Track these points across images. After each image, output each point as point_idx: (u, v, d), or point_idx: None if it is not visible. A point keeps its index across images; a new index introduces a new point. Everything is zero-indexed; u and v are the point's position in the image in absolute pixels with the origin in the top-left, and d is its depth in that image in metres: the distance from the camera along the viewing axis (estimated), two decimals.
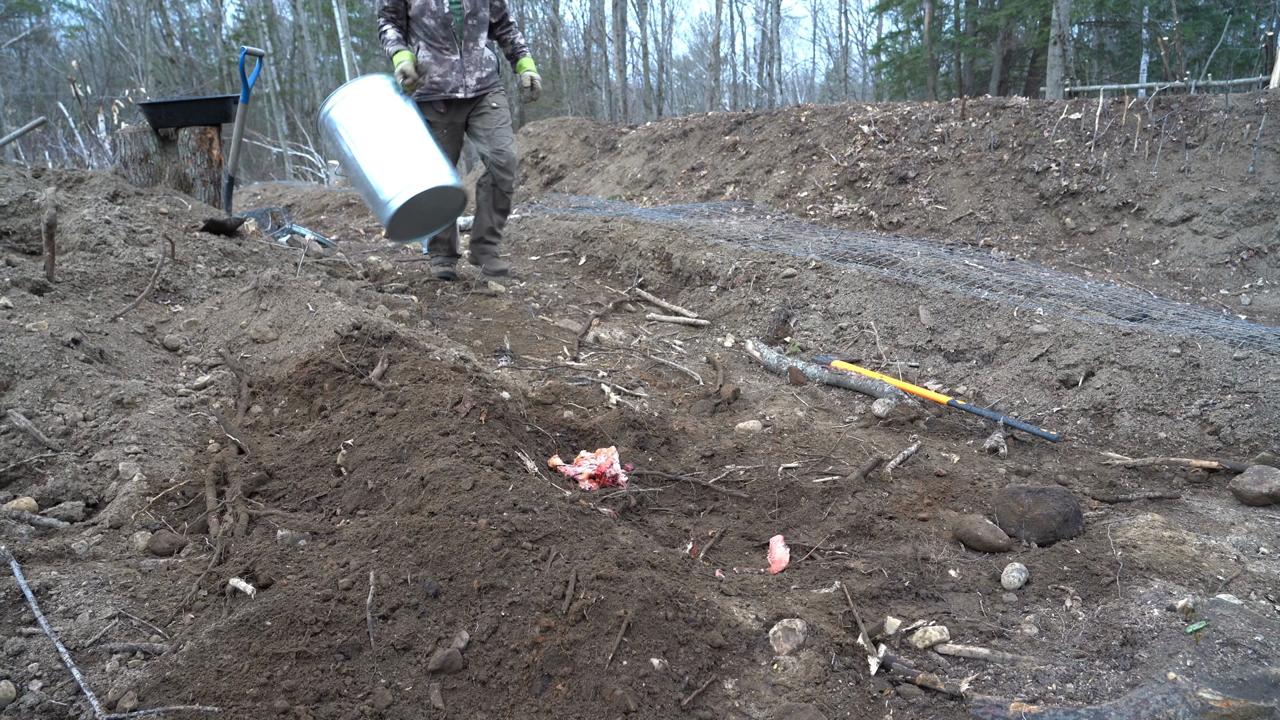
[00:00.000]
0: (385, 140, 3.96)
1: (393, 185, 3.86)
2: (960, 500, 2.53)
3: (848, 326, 4.31)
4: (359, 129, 3.97)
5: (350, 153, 3.97)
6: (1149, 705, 1.45)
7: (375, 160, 3.93)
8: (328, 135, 4.05)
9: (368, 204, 4.00)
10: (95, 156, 9.16)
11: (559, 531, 1.85)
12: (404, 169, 3.90)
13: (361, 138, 3.96)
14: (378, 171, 3.91)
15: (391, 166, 3.90)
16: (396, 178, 3.87)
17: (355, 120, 3.98)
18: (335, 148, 4.09)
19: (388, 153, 3.93)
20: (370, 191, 3.95)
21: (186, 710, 1.39)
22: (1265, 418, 2.94)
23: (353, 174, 4.01)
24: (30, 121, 6.10)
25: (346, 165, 4.04)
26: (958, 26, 22.09)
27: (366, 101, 4.02)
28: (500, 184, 4.83)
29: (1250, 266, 5.23)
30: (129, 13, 23.23)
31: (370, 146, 3.94)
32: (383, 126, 3.98)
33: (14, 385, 2.35)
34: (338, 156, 4.01)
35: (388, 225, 3.96)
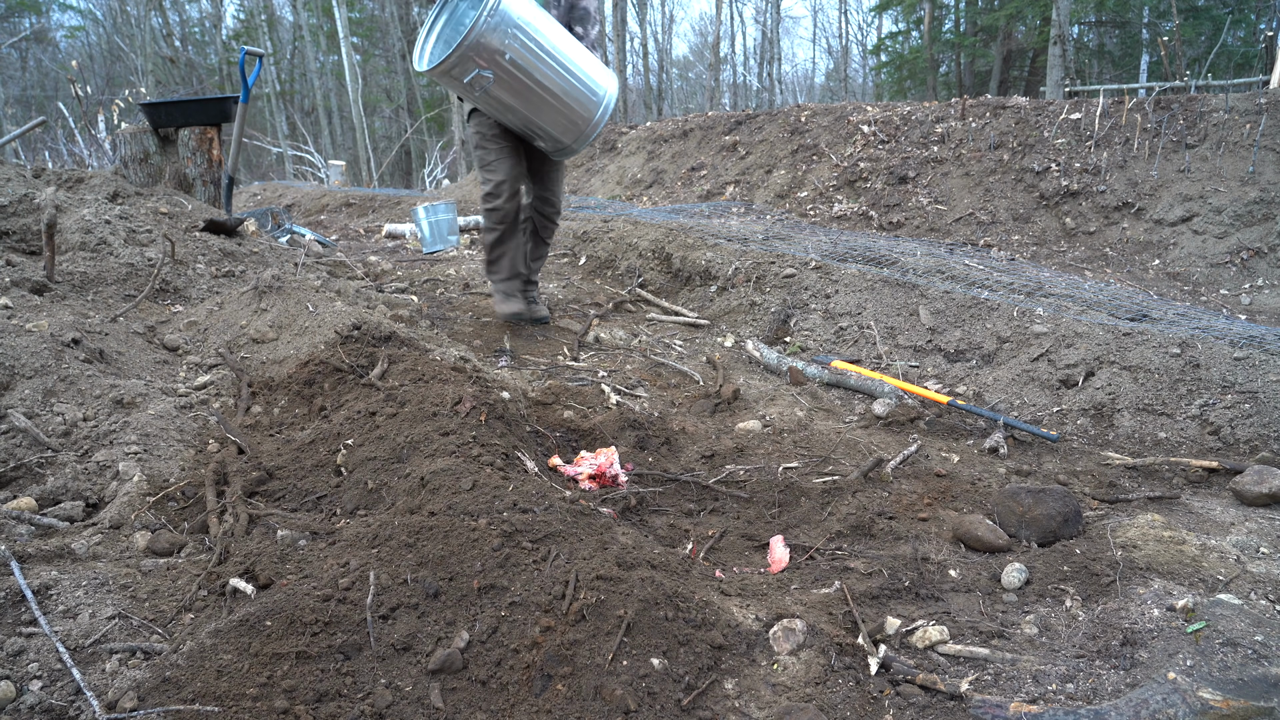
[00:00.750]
0: (568, 37, 3.46)
1: (602, 80, 3.41)
2: (960, 500, 2.53)
3: (848, 326, 4.31)
4: (544, 25, 3.37)
5: (551, 48, 3.31)
6: (1149, 705, 1.45)
7: (578, 57, 3.39)
8: (508, 24, 3.23)
9: (569, 104, 3.39)
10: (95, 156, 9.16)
11: (559, 531, 1.85)
12: (597, 65, 3.50)
13: (552, 34, 3.36)
14: (587, 67, 3.40)
15: (591, 62, 3.45)
16: (601, 72, 3.44)
17: (535, 16, 3.35)
18: (518, 41, 3.26)
19: (579, 48, 3.45)
20: (581, 82, 3.40)
21: (186, 710, 1.39)
22: (1265, 418, 2.94)
23: (549, 74, 3.33)
24: (30, 121, 6.10)
25: (536, 68, 3.31)
26: (958, 26, 22.09)
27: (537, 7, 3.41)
28: (542, 230, 4.20)
29: (1250, 266, 5.23)
30: (129, 13, 23.23)
31: (565, 43, 3.39)
32: (556, 25, 3.46)
33: (14, 385, 2.35)
34: (514, 60, 3.23)
35: (597, 125, 3.46)
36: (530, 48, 3.27)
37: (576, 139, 3.48)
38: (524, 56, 3.26)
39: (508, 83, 3.29)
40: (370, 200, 10.42)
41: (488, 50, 3.20)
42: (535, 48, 3.27)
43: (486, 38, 3.17)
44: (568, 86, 3.34)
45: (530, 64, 3.28)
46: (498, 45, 3.21)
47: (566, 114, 3.42)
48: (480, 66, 3.23)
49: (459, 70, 3.23)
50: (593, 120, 3.41)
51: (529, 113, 3.41)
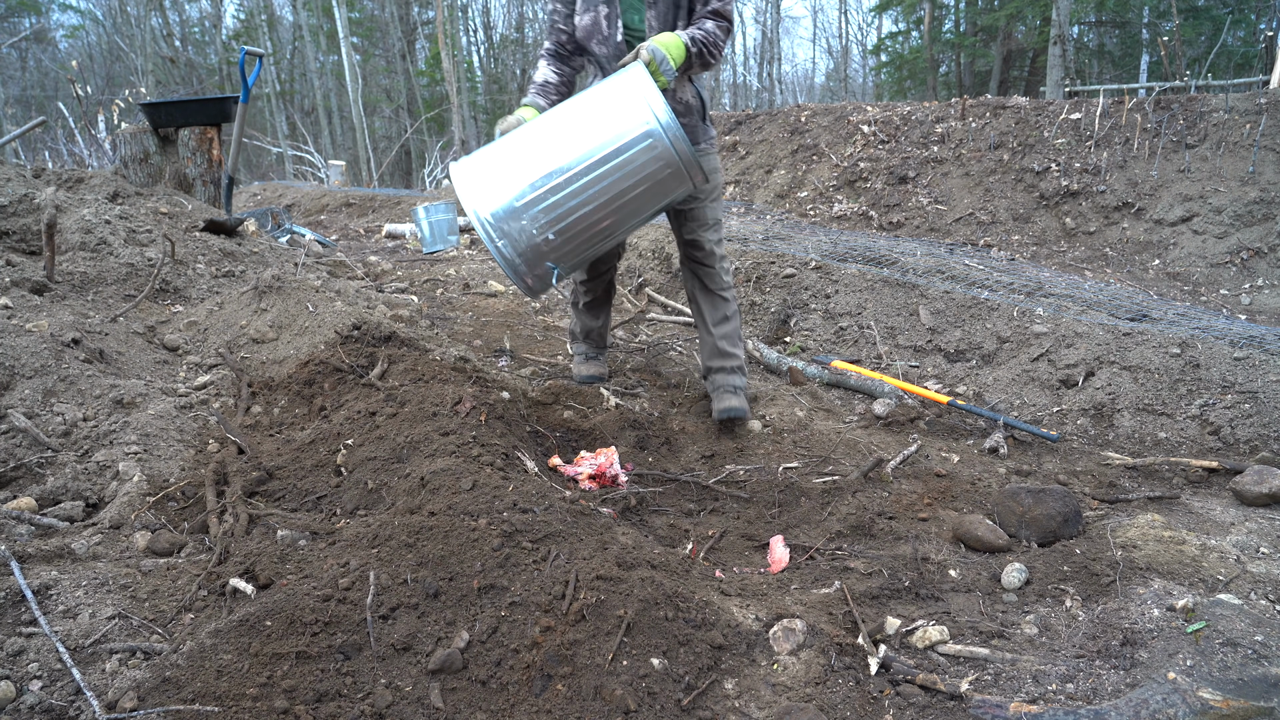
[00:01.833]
0: (563, 129, 2.54)
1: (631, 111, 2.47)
2: (960, 500, 2.53)
3: (848, 326, 4.31)
4: (533, 163, 2.50)
5: (563, 176, 2.46)
6: (1149, 705, 1.45)
7: (586, 137, 2.49)
8: (514, 219, 2.48)
9: (644, 174, 2.46)
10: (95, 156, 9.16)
11: (559, 531, 1.85)
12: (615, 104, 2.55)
13: (548, 158, 2.47)
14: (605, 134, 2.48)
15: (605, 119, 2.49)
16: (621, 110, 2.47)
17: (517, 170, 2.50)
18: (537, 214, 2.47)
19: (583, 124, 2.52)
20: (627, 153, 2.45)
21: (186, 710, 1.39)
22: (1265, 418, 2.94)
23: (591, 181, 2.48)
24: (30, 121, 6.10)
25: (575, 194, 2.47)
26: (958, 26, 22.09)
27: (498, 158, 2.56)
28: (704, 278, 3.07)
29: (1250, 266, 5.23)
30: (129, 13, 23.23)
31: (564, 145, 2.48)
32: (543, 135, 2.55)
33: (14, 385, 2.35)
34: (551, 218, 2.47)
35: (679, 156, 2.47)
36: (560, 203, 2.43)
37: (681, 186, 2.56)
38: (565, 217, 2.45)
39: (580, 237, 2.53)
40: (370, 200, 10.42)
41: (529, 255, 2.49)
42: (564, 198, 2.44)
43: (513, 248, 2.46)
44: (620, 179, 2.45)
45: (572, 209, 2.46)
46: (527, 242, 2.46)
47: (649, 194, 2.53)
48: (545, 265, 2.53)
49: (537, 282, 2.57)
50: (672, 160, 2.45)
51: (623, 224, 2.62)
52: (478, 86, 28.48)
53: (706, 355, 3.14)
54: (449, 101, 20.46)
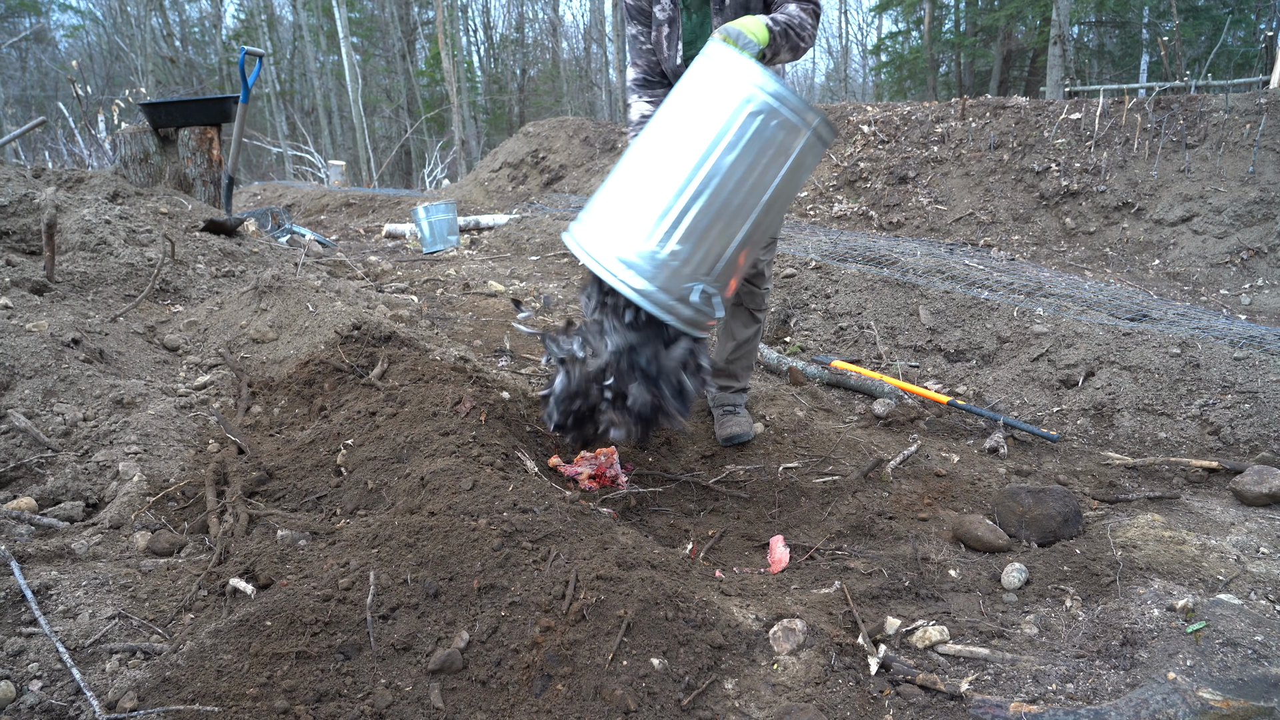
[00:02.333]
0: (662, 146, 2.22)
1: (733, 92, 2.12)
2: (960, 500, 2.53)
3: (848, 326, 4.31)
4: (650, 204, 2.19)
5: (688, 198, 2.12)
6: (1149, 705, 1.45)
7: (693, 143, 2.15)
8: (664, 269, 2.12)
9: (774, 154, 2.13)
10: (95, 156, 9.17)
11: (559, 531, 1.85)
12: (714, 92, 2.19)
13: (661, 191, 2.16)
14: (710, 128, 2.15)
15: (706, 115, 2.18)
16: (722, 96, 2.14)
17: (636, 219, 2.19)
18: (681, 246, 2.13)
19: (684, 131, 2.20)
20: (749, 142, 2.10)
21: (186, 710, 1.39)
22: (1265, 418, 2.94)
23: (717, 187, 2.11)
24: (30, 121, 6.11)
25: (710, 209, 2.11)
26: (958, 26, 22.09)
27: (613, 217, 2.24)
28: (745, 298, 2.88)
29: (1250, 266, 5.23)
30: (129, 13, 23.23)
31: (671, 165, 2.17)
32: (642, 161, 2.25)
33: (14, 385, 2.35)
34: (698, 243, 2.13)
35: (790, 91, 2.12)
36: (694, 226, 2.10)
37: (815, 149, 2.21)
38: (704, 236, 2.12)
39: (729, 252, 2.19)
40: (370, 200, 10.42)
41: (682, 293, 2.13)
42: (693, 217, 2.10)
43: (668, 294, 2.11)
44: (745, 172, 2.12)
45: (712, 224, 2.12)
46: (677, 283, 2.12)
47: (787, 173, 2.18)
48: (703, 294, 2.17)
49: (702, 315, 2.21)
50: (790, 123, 2.11)
51: (771, 216, 2.27)
52: (478, 86, 28.48)
53: (714, 370, 2.92)
54: (449, 101, 20.46)
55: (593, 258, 2.15)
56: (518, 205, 9.36)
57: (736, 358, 2.92)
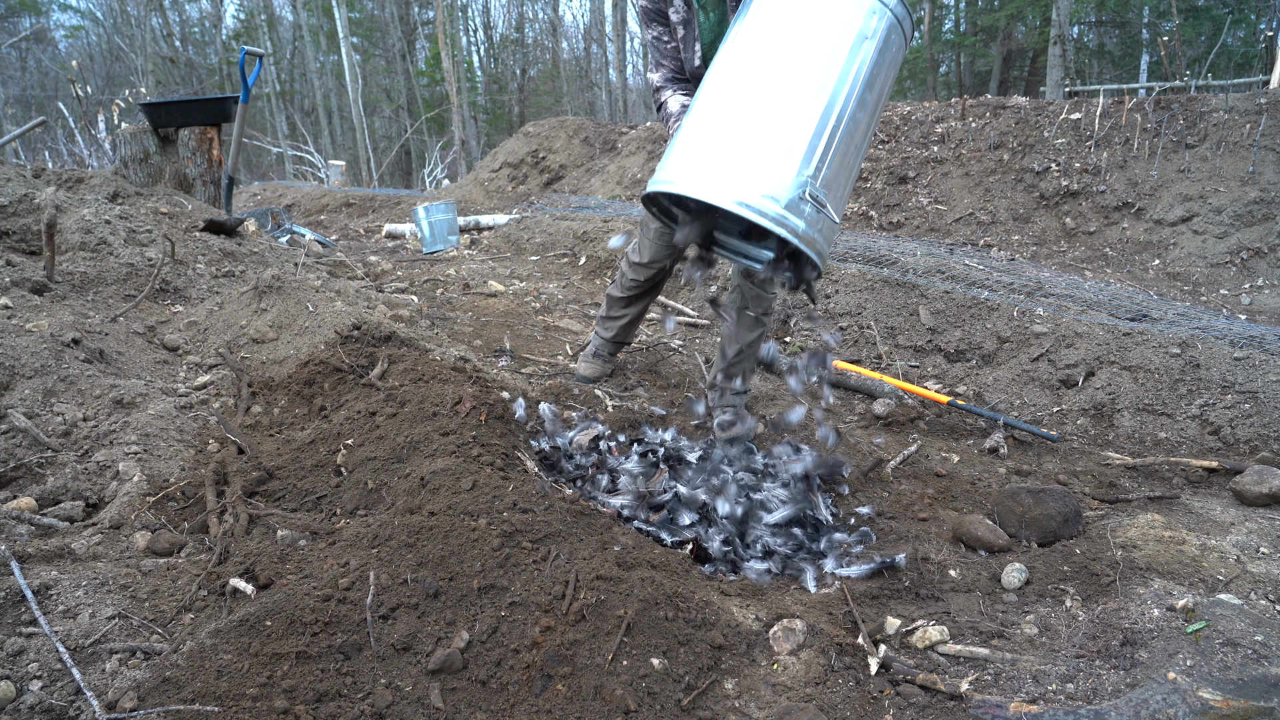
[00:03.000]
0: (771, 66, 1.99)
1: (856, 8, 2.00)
2: (960, 500, 2.53)
3: (848, 326, 4.31)
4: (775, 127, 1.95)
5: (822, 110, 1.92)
6: (1149, 705, 1.45)
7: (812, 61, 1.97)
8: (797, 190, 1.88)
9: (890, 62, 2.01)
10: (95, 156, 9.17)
11: (559, 531, 1.85)
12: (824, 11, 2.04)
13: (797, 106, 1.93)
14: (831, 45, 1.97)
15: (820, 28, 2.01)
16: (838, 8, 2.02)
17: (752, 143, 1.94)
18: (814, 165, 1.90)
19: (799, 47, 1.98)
20: (867, 50, 1.95)
21: (186, 710, 1.39)
22: (1265, 418, 2.94)
23: (835, 96, 1.93)
24: (30, 121, 6.10)
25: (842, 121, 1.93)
26: (958, 26, 22.09)
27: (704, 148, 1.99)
28: (751, 304, 2.85)
29: (1250, 266, 5.23)
30: (129, 13, 23.23)
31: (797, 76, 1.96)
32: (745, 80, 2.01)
33: (14, 385, 2.35)
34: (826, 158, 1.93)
35: None
36: (833, 152, 1.93)
37: (908, 43, 2.09)
38: (840, 161, 1.95)
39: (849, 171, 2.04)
40: (370, 200, 10.42)
41: (822, 225, 1.95)
42: (837, 144, 1.93)
43: (808, 226, 1.90)
44: (868, 82, 1.96)
45: (848, 148, 1.97)
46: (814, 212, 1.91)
47: (890, 77, 2.06)
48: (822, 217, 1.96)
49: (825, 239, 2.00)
50: (896, 25, 1.98)
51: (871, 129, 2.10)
52: (478, 86, 28.48)
53: (716, 369, 3.01)
54: (449, 101, 20.45)
55: (745, 204, 1.86)
56: (518, 205, 9.36)
57: (739, 360, 2.93)
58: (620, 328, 3.34)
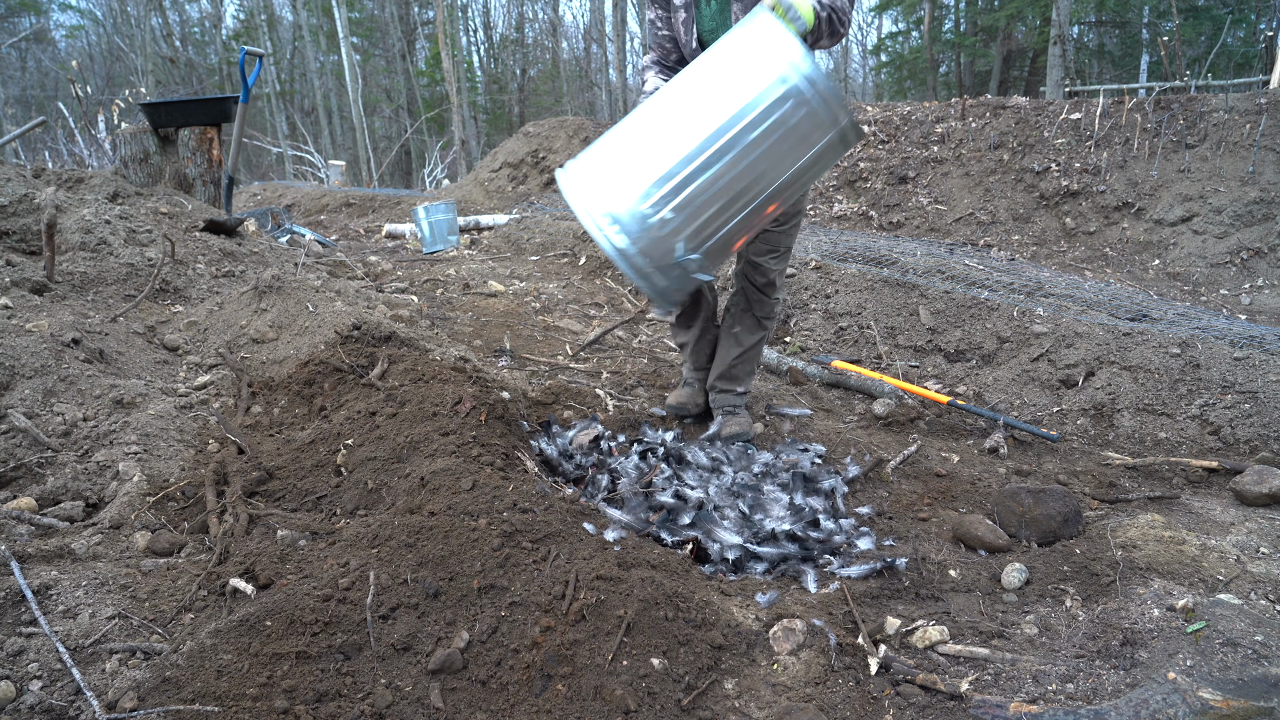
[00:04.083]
0: (693, 99, 2.04)
1: (770, 66, 2.00)
2: (960, 500, 2.53)
3: (848, 326, 4.31)
4: (662, 152, 2.03)
5: (703, 157, 2.02)
6: (1149, 705, 1.45)
7: (720, 106, 2.01)
8: (651, 233, 2.02)
9: (792, 133, 2.01)
10: (95, 156, 9.17)
11: (559, 531, 1.85)
12: (748, 60, 2.06)
13: (679, 142, 2.02)
14: (741, 97, 2.01)
15: (738, 81, 2.02)
16: (758, 64, 2.01)
17: (647, 163, 2.03)
18: (677, 213, 2.02)
19: (714, 91, 2.03)
20: (770, 116, 1.98)
21: (186, 710, 1.39)
22: (1265, 418, 2.94)
23: (735, 157, 2.00)
24: (30, 121, 6.10)
25: (719, 179, 2.02)
26: (958, 26, 22.09)
27: (613, 156, 2.12)
28: (754, 305, 2.83)
29: (1250, 266, 5.23)
30: (129, 13, 23.23)
31: (696, 120, 2.03)
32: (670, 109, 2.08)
33: (14, 385, 2.35)
34: (694, 211, 2.03)
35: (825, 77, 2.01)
36: (697, 192, 1.99)
37: (837, 149, 2.12)
38: (704, 206, 2.01)
39: (721, 232, 2.11)
40: (370, 200, 10.42)
41: (662, 259, 2.04)
42: (698, 190, 1.99)
43: (643, 255, 2.02)
44: (761, 154, 2.02)
45: (716, 195, 2.02)
46: (658, 245, 2.02)
47: (803, 164, 2.09)
48: (683, 267, 2.08)
49: (672, 286, 2.13)
50: (822, 119, 2.01)
51: (770, 203, 2.17)
52: (478, 86, 28.48)
53: (717, 371, 2.94)
54: (449, 101, 20.45)
55: (582, 206, 2.03)
56: (518, 205, 9.36)
57: (739, 362, 2.90)
58: (689, 353, 3.08)
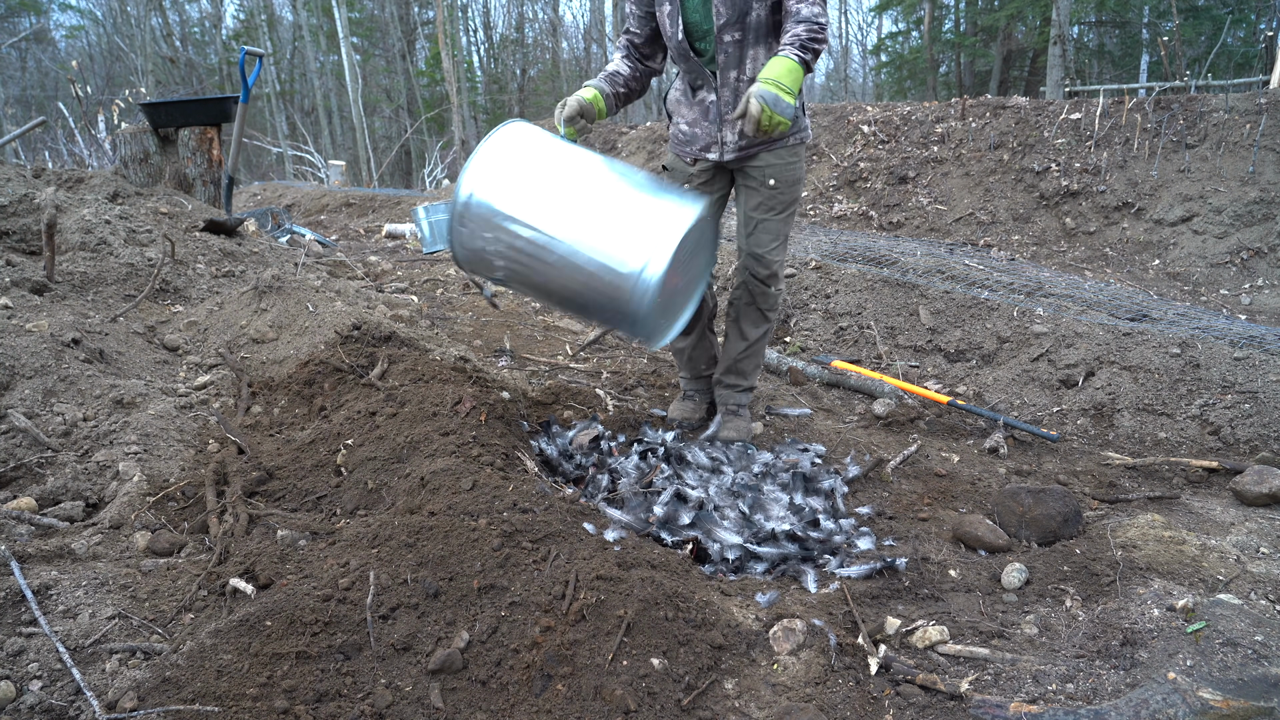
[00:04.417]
0: (582, 200, 2.23)
1: (635, 247, 2.14)
2: (960, 500, 2.53)
3: (848, 326, 4.31)
4: (534, 201, 2.22)
5: (540, 238, 2.20)
6: (1149, 705, 1.45)
7: (586, 230, 2.19)
8: (482, 226, 2.25)
9: (597, 299, 2.23)
10: (95, 156, 9.16)
11: (559, 531, 1.85)
12: (635, 224, 2.18)
13: (545, 212, 2.21)
14: (599, 241, 2.17)
15: (614, 228, 2.18)
16: (633, 236, 2.16)
17: (522, 192, 2.23)
18: (500, 240, 2.25)
19: (598, 214, 2.20)
20: (596, 272, 2.17)
21: (186, 710, 1.39)
22: (1265, 418, 2.94)
23: (555, 264, 2.21)
24: (30, 121, 6.10)
25: (536, 259, 2.23)
26: (958, 26, 22.09)
27: (525, 163, 2.27)
28: (757, 298, 2.80)
29: (1250, 266, 5.23)
30: (129, 13, 23.23)
31: (567, 216, 2.20)
32: (568, 184, 2.25)
33: (14, 385, 2.35)
34: (506, 253, 2.25)
35: (651, 309, 2.16)
36: (513, 239, 2.21)
37: (628, 331, 2.31)
38: (510, 243, 2.23)
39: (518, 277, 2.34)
40: (370, 200, 10.42)
41: (474, 221, 2.26)
42: (523, 239, 2.20)
43: (463, 220, 2.25)
44: (578, 274, 2.20)
45: (522, 248, 2.22)
46: (476, 226, 2.25)
47: (595, 294, 2.24)
48: (486, 267, 2.33)
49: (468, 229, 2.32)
50: (627, 311, 2.18)
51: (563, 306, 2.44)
52: (478, 86, 28.48)
53: (723, 367, 2.91)
54: (449, 101, 20.45)
55: (477, 168, 2.29)
56: None
57: (745, 356, 2.88)
58: (685, 361, 3.04)
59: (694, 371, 3.06)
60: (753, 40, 2.50)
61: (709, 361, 3.05)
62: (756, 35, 2.50)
